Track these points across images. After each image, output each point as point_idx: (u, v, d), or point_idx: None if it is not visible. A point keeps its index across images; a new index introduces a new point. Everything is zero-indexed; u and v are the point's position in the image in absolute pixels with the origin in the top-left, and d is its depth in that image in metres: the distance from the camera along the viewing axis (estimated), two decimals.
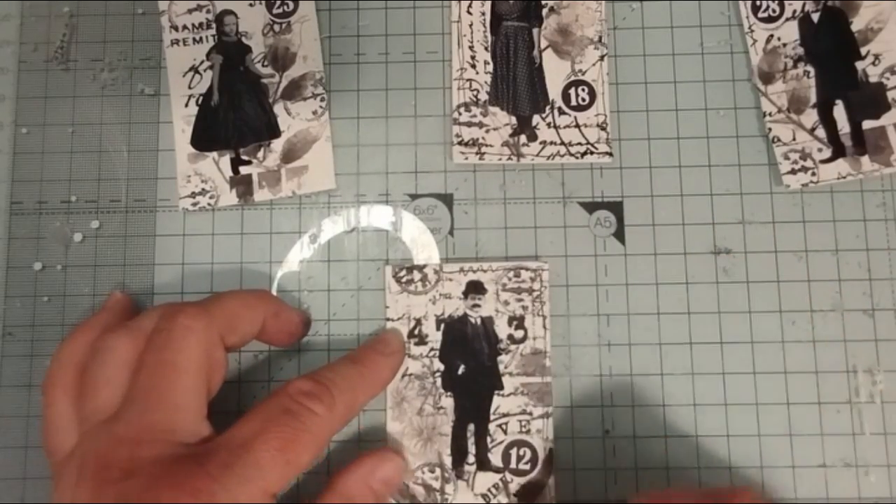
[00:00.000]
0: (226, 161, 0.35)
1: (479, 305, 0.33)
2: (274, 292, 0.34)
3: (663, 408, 0.33)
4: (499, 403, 0.32)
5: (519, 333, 0.33)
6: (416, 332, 0.33)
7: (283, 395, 0.27)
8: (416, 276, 0.33)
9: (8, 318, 0.34)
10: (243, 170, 0.35)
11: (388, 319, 0.33)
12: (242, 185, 0.35)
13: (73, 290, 0.34)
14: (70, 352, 0.30)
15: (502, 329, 0.33)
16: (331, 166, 0.35)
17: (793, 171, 0.34)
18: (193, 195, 0.34)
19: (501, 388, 0.32)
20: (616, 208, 0.34)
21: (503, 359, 0.33)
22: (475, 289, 0.33)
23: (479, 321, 0.33)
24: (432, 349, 0.33)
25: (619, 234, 0.34)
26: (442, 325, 0.33)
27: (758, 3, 0.35)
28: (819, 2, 0.35)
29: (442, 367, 0.33)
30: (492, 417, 0.32)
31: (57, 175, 0.35)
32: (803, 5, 0.35)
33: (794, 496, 0.32)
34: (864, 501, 0.32)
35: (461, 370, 0.33)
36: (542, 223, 0.34)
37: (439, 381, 0.33)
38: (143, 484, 0.25)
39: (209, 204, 0.34)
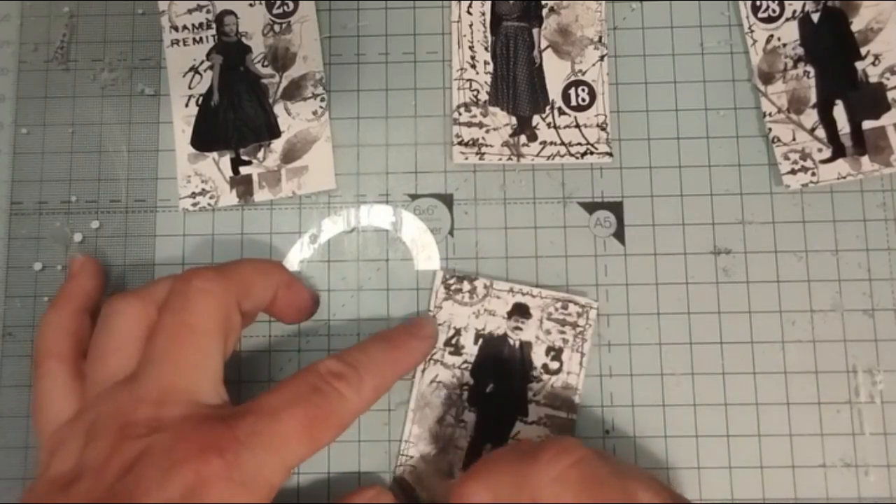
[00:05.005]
0: (226, 161, 0.35)
1: (520, 329, 0.33)
2: None
3: (663, 408, 0.33)
4: (520, 429, 0.32)
5: (554, 365, 0.32)
6: (454, 341, 0.33)
7: (313, 373, 0.27)
8: (466, 286, 0.33)
9: (8, 318, 0.34)
10: (243, 170, 0.35)
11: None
12: (242, 186, 0.35)
13: None
14: (58, 320, 0.30)
15: (539, 357, 0.32)
16: (331, 166, 0.35)
17: (793, 171, 0.34)
18: (193, 195, 0.34)
19: (526, 414, 0.32)
20: (616, 208, 0.34)
21: (533, 386, 0.32)
22: (520, 311, 0.33)
23: (517, 344, 0.33)
24: (466, 362, 0.33)
25: (619, 234, 0.34)
26: (480, 340, 0.33)
27: (758, 3, 0.35)
28: (819, 2, 0.35)
29: (472, 381, 0.32)
30: (510, 442, 0.32)
31: (57, 175, 0.35)
32: (803, 5, 0.35)
33: (794, 496, 0.32)
34: (864, 501, 0.32)
35: (489, 388, 0.32)
36: (542, 223, 0.34)
37: (466, 394, 0.32)
38: (171, 438, 0.25)
39: (209, 204, 0.34)
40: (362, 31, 0.36)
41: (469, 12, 0.35)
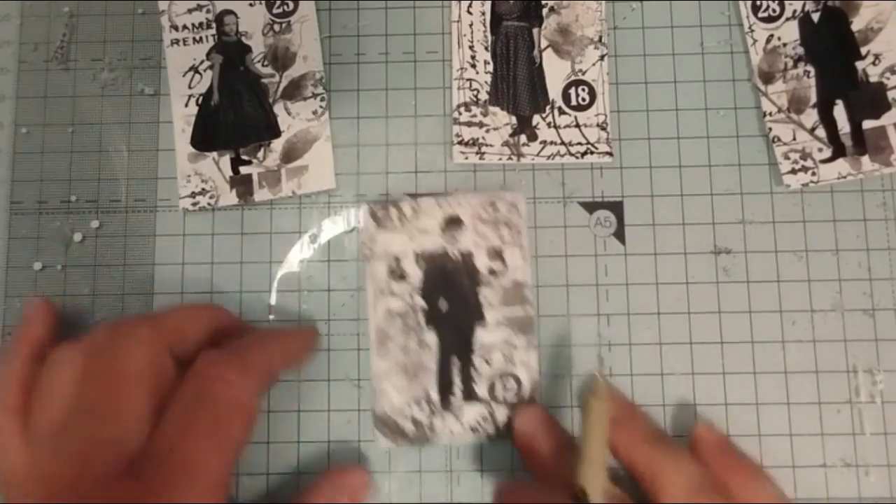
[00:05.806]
0: (226, 161, 0.35)
1: (457, 239, 0.33)
2: (274, 292, 0.34)
3: (663, 408, 0.33)
4: (481, 336, 0.32)
5: (498, 265, 0.33)
6: (397, 268, 0.33)
7: (192, 374, 0.27)
8: (394, 212, 0.33)
9: (8, 318, 0.34)
10: (243, 170, 0.35)
11: (364, 258, 0.33)
12: (242, 185, 0.35)
13: (73, 290, 0.34)
14: (9, 372, 0.29)
15: (482, 262, 0.33)
16: (331, 166, 0.35)
17: (793, 171, 0.34)
18: (193, 195, 0.34)
19: (482, 318, 0.32)
20: (616, 208, 0.34)
21: (484, 291, 0.33)
22: (452, 223, 0.33)
23: (458, 255, 0.33)
24: (413, 286, 0.33)
25: (619, 234, 0.34)
26: (421, 261, 0.33)
27: (758, 3, 0.35)
28: (819, 2, 0.35)
29: (424, 303, 0.33)
30: (475, 350, 0.32)
31: (57, 175, 0.35)
32: (803, 5, 0.35)
33: (794, 496, 0.32)
34: (864, 501, 0.32)
35: (443, 305, 0.33)
36: (542, 223, 0.34)
37: (422, 317, 0.33)
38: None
39: (209, 204, 0.34)
40: (362, 31, 0.36)
41: (469, 12, 0.35)
